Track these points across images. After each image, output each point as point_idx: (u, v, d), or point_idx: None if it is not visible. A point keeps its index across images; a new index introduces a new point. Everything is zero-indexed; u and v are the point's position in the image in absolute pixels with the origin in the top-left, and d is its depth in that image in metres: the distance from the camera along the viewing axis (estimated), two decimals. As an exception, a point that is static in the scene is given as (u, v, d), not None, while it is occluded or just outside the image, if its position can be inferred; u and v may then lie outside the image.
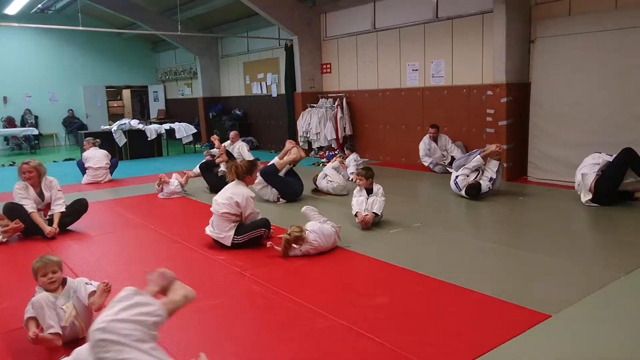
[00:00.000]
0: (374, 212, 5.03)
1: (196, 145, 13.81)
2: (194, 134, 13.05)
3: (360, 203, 5.15)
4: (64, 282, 2.94)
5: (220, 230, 4.52)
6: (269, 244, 4.36)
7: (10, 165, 11.55)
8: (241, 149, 8.72)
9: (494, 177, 6.32)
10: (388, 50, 9.87)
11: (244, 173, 4.70)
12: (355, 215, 5.11)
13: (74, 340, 2.80)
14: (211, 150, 8.32)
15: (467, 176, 6.40)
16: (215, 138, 7.91)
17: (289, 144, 6.93)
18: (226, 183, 5.09)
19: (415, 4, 9.24)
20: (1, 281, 3.91)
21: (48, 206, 5.21)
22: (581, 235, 4.90)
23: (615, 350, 2.62)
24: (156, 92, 18.31)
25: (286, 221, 4.93)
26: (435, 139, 8.56)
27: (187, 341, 2.85)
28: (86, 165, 8.49)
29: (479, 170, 6.42)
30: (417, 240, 4.73)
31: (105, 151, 8.77)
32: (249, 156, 8.36)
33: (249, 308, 3.29)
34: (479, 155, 6.39)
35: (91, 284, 2.96)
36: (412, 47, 9.39)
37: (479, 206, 6.09)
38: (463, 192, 6.32)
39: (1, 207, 5.23)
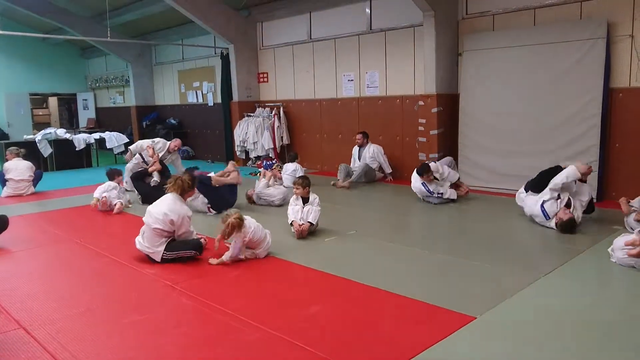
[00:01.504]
0: (309, 222, 5.05)
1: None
2: (125, 144, 12.58)
3: (296, 212, 5.15)
4: None
5: (150, 244, 4.37)
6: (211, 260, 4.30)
7: None
8: (176, 161, 8.47)
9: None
10: (324, 60, 10.00)
11: (189, 188, 4.60)
12: (291, 224, 5.10)
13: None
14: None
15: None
16: (149, 146, 7.67)
17: (231, 165, 6.82)
18: (159, 192, 4.95)
19: (350, 15, 9.43)
20: None
21: None
22: (508, 241, 5.12)
23: (538, 349, 2.75)
24: (86, 100, 17.53)
25: (216, 233, 4.84)
26: (361, 146, 8.62)
27: (115, 357, 2.72)
28: (7, 176, 7.97)
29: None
30: (351, 248, 4.79)
31: (29, 162, 8.27)
32: (181, 168, 8.16)
33: (177, 323, 3.19)
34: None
35: None
36: (348, 58, 9.56)
37: (414, 213, 6.26)
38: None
39: None
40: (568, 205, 5.10)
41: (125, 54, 14.20)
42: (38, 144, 10.98)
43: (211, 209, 6.35)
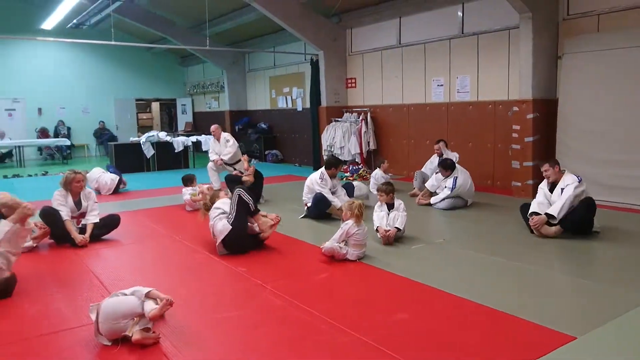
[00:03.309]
0: (396, 227, 5.02)
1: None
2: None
3: (381, 218, 5.14)
4: None
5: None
6: None
7: (43, 174, 11.91)
8: (228, 142, 8.61)
9: None
10: (413, 65, 9.89)
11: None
12: (376, 229, 5.10)
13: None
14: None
15: None
16: (244, 159, 8.02)
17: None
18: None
19: (441, 19, 9.26)
20: (31, 287, 4.02)
21: (81, 215, 5.37)
22: (612, 256, 4.76)
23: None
24: (184, 105, 18.68)
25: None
26: (440, 157, 8.06)
27: (206, 351, 2.88)
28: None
29: None
30: (439, 257, 4.69)
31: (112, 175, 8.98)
32: (234, 148, 8.52)
33: (268, 321, 3.31)
34: None
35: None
36: (438, 63, 9.39)
37: (505, 223, 6.01)
38: None
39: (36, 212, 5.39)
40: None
41: (221, 62, 14.97)
42: (142, 146, 11.87)
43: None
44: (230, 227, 4.65)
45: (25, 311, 3.51)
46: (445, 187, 6.84)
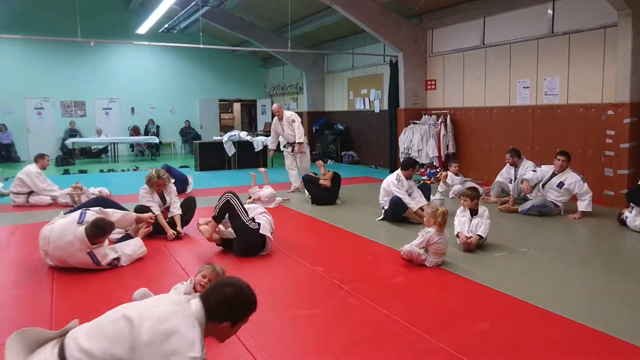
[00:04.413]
0: (478, 235, 4.87)
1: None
2: (297, 147, 13.48)
3: (463, 224, 5.00)
4: None
5: None
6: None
7: (134, 169, 12.74)
8: (294, 123, 8.59)
9: None
10: (497, 66, 9.55)
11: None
12: (457, 235, 4.98)
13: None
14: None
15: None
16: (320, 164, 8.13)
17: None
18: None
19: (529, 19, 8.86)
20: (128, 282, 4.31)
21: (166, 210, 5.72)
22: None
23: None
24: (264, 105, 19.21)
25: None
26: (513, 165, 7.67)
27: (282, 346, 2.96)
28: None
29: None
30: (523, 266, 4.50)
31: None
32: (301, 130, 8.56)
33: (345, 322, 3.33)
34: None
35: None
36: (524, 63, 8.99)
37: (596, 234, 5.65)
38: None
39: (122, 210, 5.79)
40: None
41: (300, 64, 15.25)
42: (224, 145, 12.37)
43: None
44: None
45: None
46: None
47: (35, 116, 16.13)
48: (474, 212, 5.03)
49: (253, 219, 4.81)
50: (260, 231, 4.73)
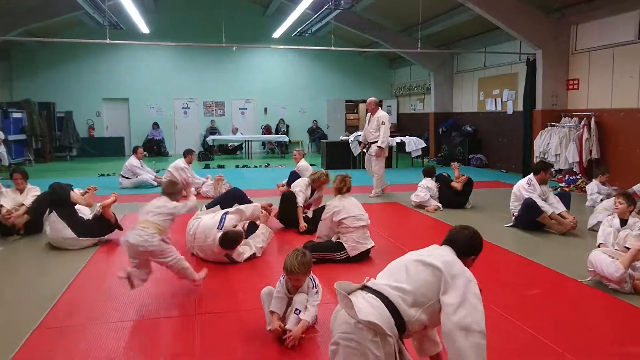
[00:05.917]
0: (625, 247, 4.42)
1: (424, 160, 14.03)
2: (422, 148, 13.32)
3: (608, 235, 4.49)
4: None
5: None
6: None
7: (266, 166, 13.53)
8: (384, 125, 8.19)
9: None
10: (655, 63, 8.55)
11: None
12: (598, 246, 4.51)
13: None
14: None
15: None
16: (455, 166, 7.95)
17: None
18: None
19: (698, 8, 7.82)
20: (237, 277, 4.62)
21: (307, 206, 6.27)
22: None
23: None
24: (389, 106, 19.22)
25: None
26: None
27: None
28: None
29: None
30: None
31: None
32: (387, 135, 8.20)
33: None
34: None
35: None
36: (689, 60, 7.96)
37: None
38: None
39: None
40: None
41: (428, 64, 15.01)
42: (350, 144, 12.61)
43: None
44: None
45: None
46: None
47: (182, 115, 17.85)
48: (623, 222, 4.52)
49: None
50: None
